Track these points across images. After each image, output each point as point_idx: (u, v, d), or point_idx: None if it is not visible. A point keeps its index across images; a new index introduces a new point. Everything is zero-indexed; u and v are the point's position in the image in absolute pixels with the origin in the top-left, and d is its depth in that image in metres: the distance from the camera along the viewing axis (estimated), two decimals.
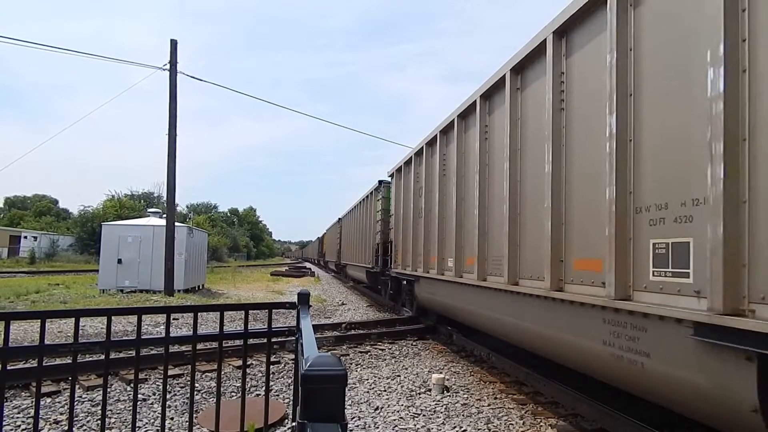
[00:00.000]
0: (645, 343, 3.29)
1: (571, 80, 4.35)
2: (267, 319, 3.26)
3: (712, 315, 2.69)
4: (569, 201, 4.30)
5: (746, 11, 2.71)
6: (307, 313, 2.99)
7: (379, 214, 13.22)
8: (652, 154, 3.33)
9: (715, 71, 2.78)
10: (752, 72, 2.62)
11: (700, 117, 2.89)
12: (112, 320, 2.92)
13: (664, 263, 3.17)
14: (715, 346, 2.72)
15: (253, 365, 6.91)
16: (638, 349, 3.36)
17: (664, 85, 3.25)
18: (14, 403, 5.14)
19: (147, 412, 5.03)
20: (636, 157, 3.46)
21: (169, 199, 16.40)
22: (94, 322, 9.83)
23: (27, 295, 14.74)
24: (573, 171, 4.26)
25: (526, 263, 5.02)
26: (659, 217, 3.24)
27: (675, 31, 3.21)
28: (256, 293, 19.11)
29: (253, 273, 34.19)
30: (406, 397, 5.63)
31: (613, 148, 3.56)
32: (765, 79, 2.55)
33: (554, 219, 4.40)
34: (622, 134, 3.54)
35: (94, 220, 40.29)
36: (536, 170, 4.83)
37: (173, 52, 15.89)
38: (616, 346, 3.59)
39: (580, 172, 4.16)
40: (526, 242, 5.04)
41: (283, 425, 4.70)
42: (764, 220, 2.52)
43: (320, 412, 1.22)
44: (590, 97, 4.01)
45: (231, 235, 67.09)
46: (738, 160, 2.65)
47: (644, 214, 3.37)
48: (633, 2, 3.64)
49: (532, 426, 4.76)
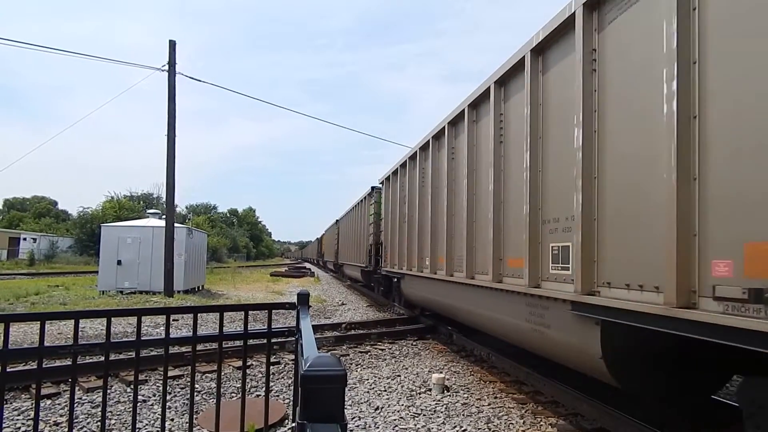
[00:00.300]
0: (547, 318, 4.53)
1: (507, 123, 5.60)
2: (267, 319, 3.26)
3: (578, 295, 3.90)
4: (506, 213, 5.52)
5: (596, 92, 3.92)
6: (306, 313, 2.99)
7: (372, 218, 14.35)
8: (551, 182, 4.60)
9: (578, 131, 4.03)
10: (601, 132, 3.87)
11: (573, 160, 4.10)
12: (111, 322, 2.91)
13: (557, 260, 4.39)
14: (581, 316, 3.93)
15: (253, 366, 6.90)
16: (543, 322, 4.59)
17: (556, 134, 4.56)
18: (14, 405, 5.14)
19: (147, 413, 5.03)
20: (543, 184, 4.72)
21: (168, 200, 16.39)
22: (94, 324, 9.82)
23: (26, 297, 14.73)
24: (509, 190, 5.46)
25: (479, 261, 6.24)
26: (554, 227, 4.47)
27: (562, 96, 4.41)
28: (255, 294, 19.11)
29: (252, 273, 34.18)
30: (407, 397, 5.64)
31: (528, 177, 4.86)
32: (608, 137, 3.77)
33: (495, 227, 5.65)
34: (533, 167, 4.85)
35: (93, 221, 40.27)
36: (485, 188, 6.01)
37: (172, 53, 15.88)
38: (532, 322, 4.80)
39: (511, 192, 5.40)
40: (479, 245, 6.26)
41: (283, 426, 4.70)
42: (607, 232, 3.74)
43: (320, 413, 1.22)
44: (516, 137, 5.31)
45: (230, 236, 67.10)
46: (591, 191, 3.90)
47: (547, 225, 4.60)
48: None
49: (532, 425, 4.76)
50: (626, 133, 3.56)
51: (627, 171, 3.54)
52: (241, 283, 24.82)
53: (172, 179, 16.02)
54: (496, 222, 5.63)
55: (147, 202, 48.92)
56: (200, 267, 20.66)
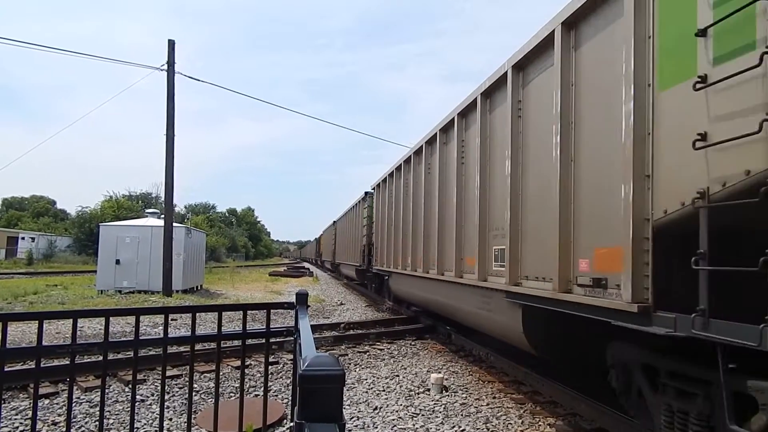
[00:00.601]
0: (491, 304, 5.68)
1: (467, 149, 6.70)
2: (265, 319, 3.26)
3: (509, 285, 5.07)
4: (465, 222, 6.64)
5: (521, 134, 5.11)
6: (305, 313, 2.98)
7: (365, 221, 15.46)
8: (493, 200, 5.77)
9: (508, 162, 5.21)
10: (524, 163, 5.02)
11: (505, 184, 5.26)
12: (110, 321, 2.91)
13: (497, 260, 5.56)
14: (510, 302, 5.09)
15: (251, 365, 6.90)
16: (489, 308, 5.76)
17: (496, 162, 5.74)
18: (12, 404, 5.13)
19: (145, 412, 5.02)
20: (490, 201, 5.88)
21: (167, 200, 16.38)
22: (93, 323, 9.81)
23: (25, 296, 14.71)
24: (468, 203, 6.56)
25: (446, 261, 7.29)
26: (495, 234, 5.66)
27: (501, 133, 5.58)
28: (254, 293, 19.10)
29: (251, 273, 34.16)
30: (405, 397, 5.64)
31: (478, 195, 6.05)
32: (528, 168, 4.93)
33: (457, 233, 6.79)
34: (483, 186, 6.00)
35: (92, 220, 40.21)
36: (451, 201, 7.13)
37: (171, 53, 15.86)
38: (482, 308, 5.96)
39: (469, 205, 6.50)
40: (447, 247, 7.29)
41: (281, 425, 4.70)
42: (526, 239, 4.92)
43: (318, 412, 1.22)
44: (472, 161, 6.37)
45: (229, 236, 67.04)
46: (517, 209, 5.08)
47: (491, 232, 5.79)
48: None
49: (530, 425, 4.77)
50: (536, 167, 4.77)
51: (537, 195, 4.76)
52: (239, 282, 24.80)
53: (171, 179, 16.01)
54: (458, 228, 6.80)
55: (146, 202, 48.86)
56: (199, 267, 20.64)
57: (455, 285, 6.83)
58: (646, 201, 3.32)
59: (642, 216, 3.33)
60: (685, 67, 3.05)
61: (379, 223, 12.95)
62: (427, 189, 8.40)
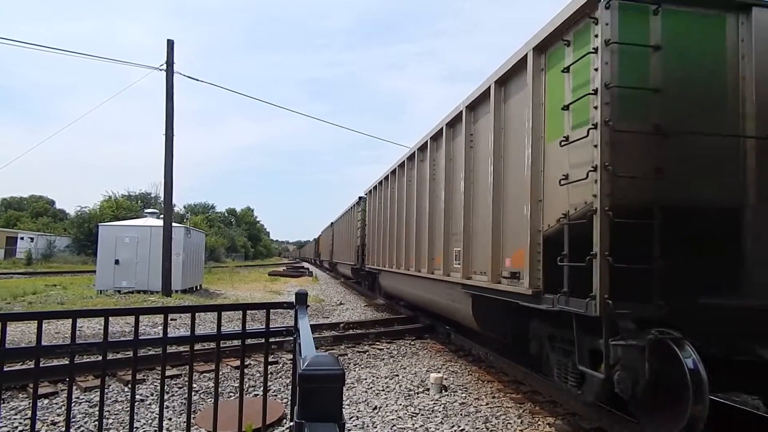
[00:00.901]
0: (453, 296, 6.92)
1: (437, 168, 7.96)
2: (265, 319, 3.26)
3: (463, 279, 6.36)
4: (435, 228, 7.86)
5: (472, 160, 6.51)
6: (305, 312, 2.98)
7: (359, 223, 16.58)
8: (453, 210, 7.06)
9: (463, 182, 6.56)
10: (474, 184, 6.36)
11: (461, 198, 6.63)
12: (109, 321, 2.91)
13: (456, 259, 6.81)
14: (464, 292, 6.36)
15: (251, 365, 6.90)
16: (452, 298, 6.98)
17: (457, 178, 6.95)
18: (12, 404, 5.13)
19: (145, 412, 5.02)
20: (452, 211, 7.13)
21: (166, 200, 16.37)
22: (92, 323, 9.80)
23: (24, 296, 14.69)
24: (437, 212, 7.78)
25: (421, 260, 8.56)
26: (455, 238, 6.84)
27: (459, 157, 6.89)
28: (254, 293, 19.09)
29: (250, 273, 34.14)
30: (405, 397, 5.64)
31: (444, 207, 7.37)
32: (479, 187, 6.19)
33: (429, 236, 8.10)
34: (447, 199, 7.29)
35: (91, 220, 40.16)
36: (424, 209, 8.46)
37: (170, 53, 15.85)
38: (448, 299, 7.17)
39: (437, 213, 7.72)
40: (422, 248, 8.59)
41: (281, 425, 4.70)
42: (475, 242, 6.23)
43: (318, 412, 1.22)
44: (440, 179, 7.67)
45: (228, 236, 66.98)
46: (469, 218, 6.43)
47: (453, 237, 7.03)
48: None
49: (530, 425, 4.77)
50: (482, 187, 6.06)
51: (481, 209, 6.05)
52: (239, 282, 24.80)
53: (170, 179, 16.00)
54: (430, 233, 8.05)
55: (145, 202, 48.82)
56: (198, 266, 20.63)
57: (429, 280, 8.13)
58: (539, 218, 4.69)
59: (537, 228, 4.70)
60: (559, 128, 4.41)
61: (371, 225, 14.36)
62: (408, 198, 9.76)
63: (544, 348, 5.16)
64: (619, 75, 3.88)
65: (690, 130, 3.92)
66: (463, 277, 6.38)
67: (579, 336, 4.22)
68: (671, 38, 4.04)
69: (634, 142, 3.88)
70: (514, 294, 5.01)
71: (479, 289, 5.97)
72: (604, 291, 3.72)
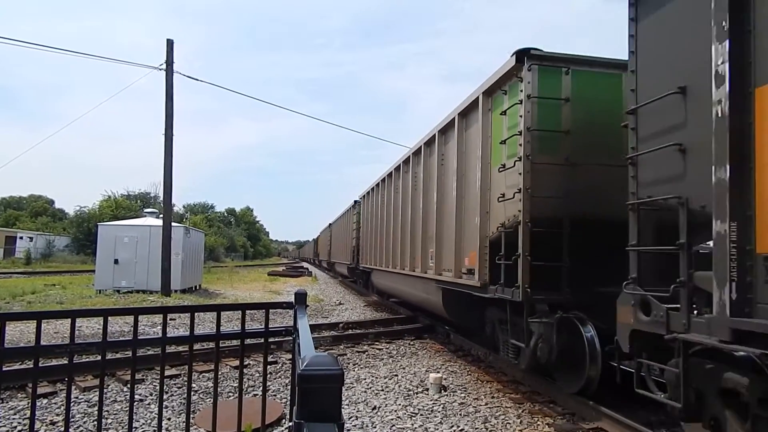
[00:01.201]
0: (428, 290, 8.30)
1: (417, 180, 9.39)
2: (264, 319, 3.26)
3: (435, 275, 7.76)
4: (415, 232, 9.28)
5: (443, 176, 7.99)
6: (304, 312, 2.98)
7: (354, 225, 18.01)
8: (430, 216, 8.35)
9: (436, 194, 8.09)
10: (444, 196, 7.69)
11: (434, 208, 8.07)
12: (108, 321, 2.91)
13: (431, 258, 7.99)
14: (437, 287, 7.73)
15: (250, 365, 6.90)
16: (427, 291, 8.38)
17: (431, 189, 8.34)
18: (10, 404, 5.13)
19: (144, 412, 5.02)
20: (428, 217, 8.46)
21: (165, 199, 16.36)
22: (91, 323, 9.79)
23: (23, 296, 14.67)
24: (416, 219, 9.21)
25: (405, 260, 9.91)
26: (429, 242, 8.14)
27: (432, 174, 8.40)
28: (253, 293, 19.09)
29: (250, 273, 34.12)
30: (404, 397, 5.64)
31: (422, 213, 8.79)
32: (446, 199, 7.68)
33: (411, 240, 9.50)
34: (424, 208, 8.70)
35: (90, 220, 40.12)
36: (407, 217, 9.95)
37: (169, 52, 15.83)
38: (425, 293, 8.59)
39: (418, 220, 9.10)
40: (406, 249, 9.94)
41: (280, 425, 4.70)
42: (445, 246, 7.52)
43: (317, 412, 1.22)
44: (418, 190, 9.20)
45: (228, 235, 66.95)
46: (441, 224, 7.77)
47: (428, 240, 8.29)
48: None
49: (529, 425, 4.77)
50: (449, 198, 7.38)
51: (449, 217, 7.38)
52: (238, 282, 24.79)
53: (169, 178, 15.99)
54: (412, 235, 9.48)
55: (144, 201, 48.77)
56: (197, 266, 20.62)
57: (411, 277, 9.42)
58: (486, 226, 6.05)
59: (484, 234, 6.09)
60: (499, 157, 5.78)
61: (364, 228, 15.94)
62: (395, 204, 11.20)
63: (495, 330, 6.51)
64: (537, 121, 5.16)
65: (591, 162, 5.23)
66: (435, 273, 7.77)
67: (511, 317, 5.71)
68: (578, 92, 5.29)
69: (548, 171, 5.17)
70: (470, 286, 6.45)
71: (446, 283, 7.36)
72: (525, 282, 5.04)
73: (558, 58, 5.29)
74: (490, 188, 5.97)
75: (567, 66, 5.25)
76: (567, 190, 5.17)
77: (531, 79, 5.14)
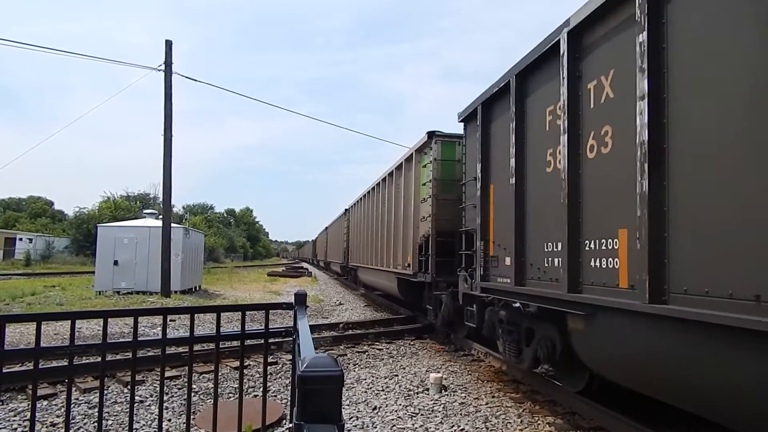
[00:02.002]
0: (390, 279, 11.81)
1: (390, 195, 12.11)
2: (264, 319, 3.26)
3: (392, 269, 11.30)
4: (385, 238, 12.05)
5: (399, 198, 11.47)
6: (304, 313, 2.98)
7: (345, 229, 20.89)
8: (389, 227, 11.90)
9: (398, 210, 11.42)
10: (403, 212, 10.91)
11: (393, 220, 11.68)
12: (108, 322, 2.91)
13: (392, 257, 11.40)
14: (395, 276, 11.12)
15: (250, 366, 6.90)
16: (389, 281, 11.85)
17: (395, 205, 11.51)
18: (11, 406, 5.12)
19: (144, 413, 5.02)
20: (391, 227, 11.88)
21: (165, 200, 16.35)
22: (91, 324, 9.79)
23: (23, 298, 14.67)
24: (385, 228, 12.26)
25: (380, 258, 12.50)
26: (392, 244, 11.44)
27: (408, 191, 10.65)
28: (253, 294, 19.08)
29: (250, 273, 34.11)
30: (404, 397, 5.64)
31: (386, 225, 12.19)
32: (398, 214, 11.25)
33: (382, 243, 12.39)
34: (388, 221, 11.93)
35: (89, 221, 40.09)
36: (379, 225, 12.79)
37: (168, 53, 15.83)
38: (388, 281, 12.02)
39: (386, 227, 12.08)
40: (380, 250, 12.60)
41: (280, 426, 4.70)
42: (399, 248, 10.87)
43: (317, 414, 1.22)
44: (389, 204, 12.01)
45: (228, 236, 66.90)
46: (398, 232, 10.95)
47: (390, 244, 11.76)
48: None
49: (529, 425, 4.77)
50: (401, 215, 10.77)
51: (401, 227, 10.70)
52: (238, 283, 24.78)
53: (168, 179, 15.98)
54: (382, 240, 12.33)
55: (143, 202, 48.72)
56: (197, 267, 20.60)
57: (382, 271, 12.45)
58: (417, 235, 9.19)
59: (415, 241, 9.21)
60: (421, 194, 9.15)
61: (353, 232, 19.10)
62: (371, 217, 14.26)
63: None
64: (440, 174, 8.46)
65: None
66: (393, 267, 11.07)
67: (427, 292, 8.87)
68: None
69: (446, 204, 8.25)
70: (408, 275, 9.61)
71: (398, 274, 10.60)
72: (432, 270, 8.32)
73: (453, 135, 8.40)
74: (418, 212, 9.26)
75: (459, 140, 7.88)
76: (456, 215, 7.54)
77: (436, 148, 8.48)
